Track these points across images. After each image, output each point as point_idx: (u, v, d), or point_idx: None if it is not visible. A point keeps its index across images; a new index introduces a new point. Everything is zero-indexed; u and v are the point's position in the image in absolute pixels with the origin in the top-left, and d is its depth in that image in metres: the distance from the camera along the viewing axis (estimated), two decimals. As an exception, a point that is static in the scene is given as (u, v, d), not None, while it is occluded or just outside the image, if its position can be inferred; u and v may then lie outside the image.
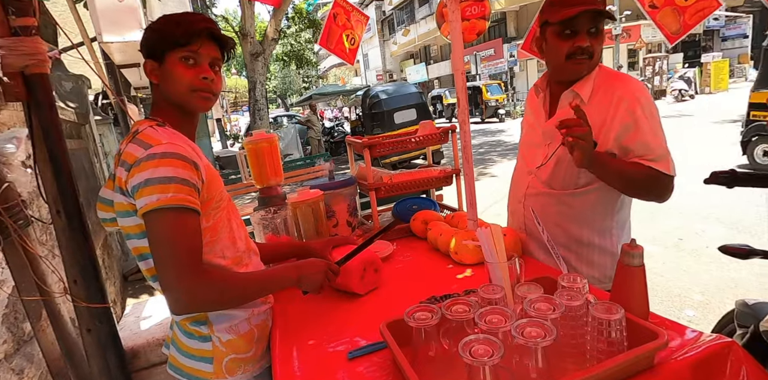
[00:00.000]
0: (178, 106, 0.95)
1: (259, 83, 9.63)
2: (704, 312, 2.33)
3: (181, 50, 0.91)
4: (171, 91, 0.93)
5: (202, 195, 0.88)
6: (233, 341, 0.95)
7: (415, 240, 1.57)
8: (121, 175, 0.86)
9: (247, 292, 0.93)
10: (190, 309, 0.87)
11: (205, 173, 0.89)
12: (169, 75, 0.92)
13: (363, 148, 1.58)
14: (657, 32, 10.14)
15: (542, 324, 0.71)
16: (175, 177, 0.81)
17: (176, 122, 0.96)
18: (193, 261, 0.82)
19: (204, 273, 0.83)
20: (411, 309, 0.81)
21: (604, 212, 1.27)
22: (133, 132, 0.92)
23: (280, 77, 34.54)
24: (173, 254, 0.81)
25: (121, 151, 0.88)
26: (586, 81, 1.22)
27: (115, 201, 0.91)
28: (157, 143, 0.84)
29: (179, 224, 0.81)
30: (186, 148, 0.86)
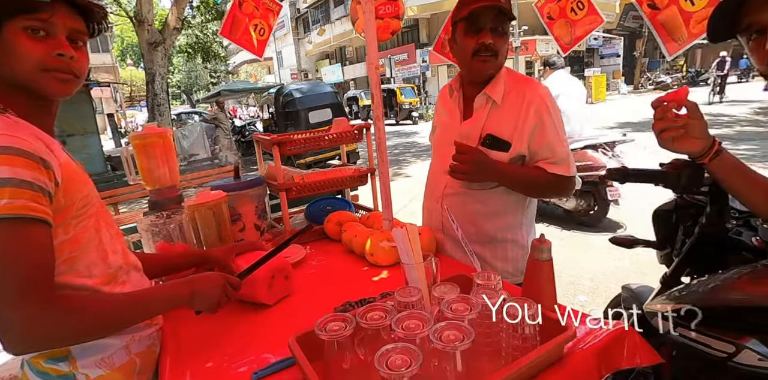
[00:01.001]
0: (26, 89, 0.75)
1: (159, 76, 8.75)
2: (593, 297, 2.59)
3: (25, 18, 0.71)
4: (13, 70, 0.73)
5: (56, 201, 0.70)
6: (106, 377, 0.78)
7: (329, 243, 1.49)
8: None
9: (120, 318, 0.76)
10: (36, 346, 0.68)
11: (61, 173, 0.71)
12: (10, 50, 0.72)
13: (272, 146, 1.46)
14: (549, 47, 11.44)
15: (460, 326, 0.68)
16: (12, 178, 0.63)
17: (24, 110, 0.75)
18: (39, 285, 0.65)
19: (55, 298, 0.66)
20: (322, 320, 0.73)
21: (516, 208, 1.32)
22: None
23: (185, 71, 31.96)
24: (9, 277, 0.63)
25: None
26: (496, 83, 1.26)
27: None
28: None
29: (17, 238, 0.64)
30: (31, 142, 0.67)
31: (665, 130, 0.86)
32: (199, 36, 16.58)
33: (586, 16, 1.87)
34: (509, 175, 1.22)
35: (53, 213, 0.69)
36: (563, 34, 1.97)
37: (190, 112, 16.92)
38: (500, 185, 1.27)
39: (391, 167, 7.62)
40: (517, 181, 1.23)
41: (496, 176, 1.22)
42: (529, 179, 1.22)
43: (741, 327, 0.87)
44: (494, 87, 1.25)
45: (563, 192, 1.27)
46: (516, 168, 1.23)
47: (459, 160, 1.18)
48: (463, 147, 1.18)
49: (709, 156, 0.87)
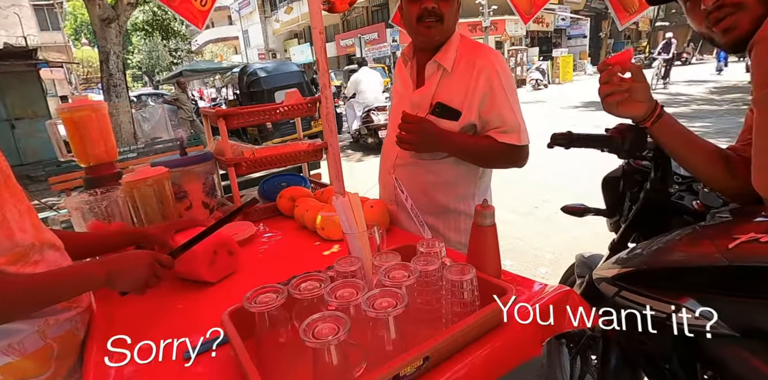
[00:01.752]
0: None
1: (114, 54, 8.21)
2: (554, 268, 2.66)
3: None
4: None
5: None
6: (15, 364, 0.72)
7: (282, 220, 1.45)
8: None
9: (21, 303, 0.69)
10: None
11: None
12: None
13: (217, 118, 1.38)
14: (519, 27, 11.40)
15: (395, 292, 0.66)
16: None
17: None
18: None
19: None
20: (252, 293, 0.69)
21: (468, 179, 1.30)
22: None
23: (145, 51, 30.26)
24: None
25: None
26: (447, 50, 1.22)
27: None
28: None
29: None
30: None
31: (610, 94, 0.85)
32: (157, 12, 15.66)
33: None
34: (458, 145, 1.19)
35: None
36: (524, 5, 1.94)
37: (152, 93, 16.14)
38: (450, 156, 1.25)
39: (361, 149, 7.55)
40: (466, 151, 1.21)
41: (444, 146, 1.19)
42: (478, 149, 1.20)
43: (680, 287, 0.89)
44: (445, 54, 1.22)
45: (515, 162, 1.25)
46: (465, 137, 1.20)
47: (405, 129, 1.15)
48: (409, 116, 1.14)
49: (651, 119, 0.86)
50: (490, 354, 0.71)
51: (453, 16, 1.20)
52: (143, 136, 8.72)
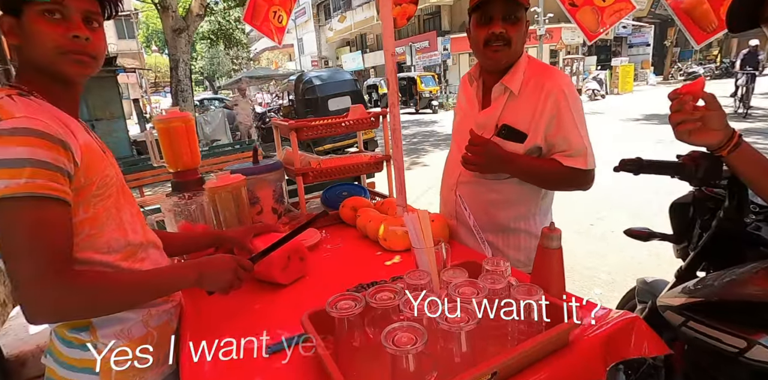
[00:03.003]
0: (47, 72, 0.77)
1: (183, 62, 8.89)
2: (610, 290, 2.57)
3: (41, 2, 0.73)
4: (34, 53, 0.76)
5: (76, 181, 0.73)
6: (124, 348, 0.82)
7: (344, 228, 1.52)
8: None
9: (129, 297, 0.80)
10: (52, 318, 0.74)
11: (81, 154, 0.74)
12: (30, 33, 0.74)
13: (289, 131, 1.49)
14: (575, 35, 10.98)
15: (466, 308, 0.70)
16: (31, 159, 0.66)
17: (48, 92, 0.78)
18: (57, 263, 0.69)
19: (71, 275, 0.70)
20: (333, 299, 0.76)
21: (530, 199, 1.32)
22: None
23: (207, 58, 32.29)
24: (29, 254, 0.67)
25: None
26: (514, 73, 1.24)
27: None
28: (9, 117, 0.68)
29: (37, 217, 0.67)
30: (50, 124, 0.70)
31: (682, 123, 0.84)
32: (222, 22, 16.68)
33: (615, 2, 1.81)
34: (523, 168, 1.21)
35: (73, 192, 0.73)
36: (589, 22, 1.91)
37: (212, 98, 17.16)
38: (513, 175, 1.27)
39: (409, 156, 7.61)
40: (531, 174, 1.22)
41: (508, 168, 1.21)
42: (542, 172, 1.21)
43: (754, 322, 0.86)
44: (512, 77, 1.24)
45: (580, 185, 1.25)
46: (530, 160, 1.22)
47: (471, 151, 1.18)
48: (476, 138, 1.17)
49: (727, 148, 0.85)
50: (554, 374, 0.73)
51: (521, 39, 1.21)
52: (204, 137, 9.31)
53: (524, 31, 1.22)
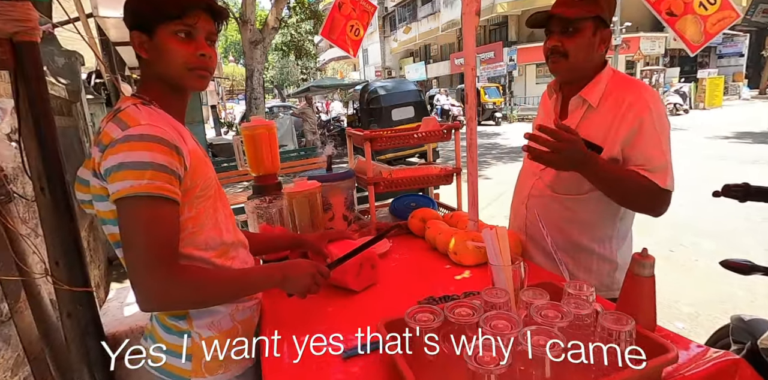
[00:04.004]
0: (171, 84, 0.87)
1: (257, 72, 9.49)
2: (693, 325, 2.34)
3: (175, 23, 0.82)
4: (163, 68, 0.85)
5: (184, 184, 0.81)
6: (214, 338, 0.88)
7: (411, 239, 1.54)
8: (96, 156, 0.79)
9: (224, 292, 0.87)
10: (160, 307, 0.82)
11: (190, 159, 0.82)
12: (162, 51, 0.83)
13: (364, 141, 1.54)
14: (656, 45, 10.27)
15: (550, 332, 0.68)
16: (152, 162, 0.74)
17: (165, 101, 0.87)
18: (167, 256, 0.76)
19: (178, 269, 0.78)
20: (412, 310, 0.77)
21: (606, 220, 1.25)
22: (114, 110, 0.83)
23: (278, 67, 34.19)
24: (145, 247, 0.74)
25: (101, 130, 0.81)
26: (594, 86, 1.21)
27: (91, 184, 0.84)
28: (136, 124, 0.77)
29: (153, 214, 0.75)
30: (168, 131, 0.78)
31: None
32: (294, 34, 17.64)
33: (718, 10, 1.67)
34: (600, 169, 1.10)
35: (181, 193, 0.80)
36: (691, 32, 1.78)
37: (281, 105, 18.08)
38: (589, 192, 1.21)
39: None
40: (608, 178, 1.11)
41: (585, 169, 1.10)
42: (620, 178, 1.11)
43: None
44: (591, 89, 1.20)
45: (656, 204, 1.14)
46: (613, 166, 1.14)
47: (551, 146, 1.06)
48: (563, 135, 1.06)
49: None
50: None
51: (581, 50, 1.17)
52: (272, 143, 9.82)
53: (588, 41, 1.17)
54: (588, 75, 1.22)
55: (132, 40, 0.85)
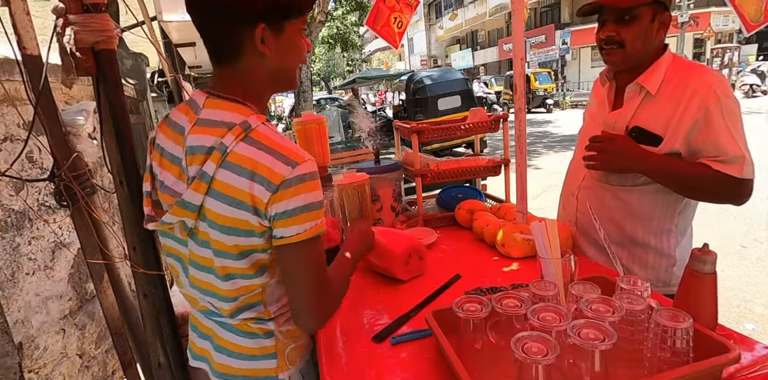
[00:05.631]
0: (281, 83, 0.83)
1: (305, 65, 9.71)
2: (766, 327, 2.17)
3: (301, 19, 0.78)
4: (285, 65, 0.80)
5: None
6: (292, 331, 0.90)
7: (458, 230, 1.54)
8: (258, 193, 0.71)
9: (347, 283, 0.91)
10: (328, 320, 0.84)
11: None
12: (290, 47, 0.78)
13: (411, 133, 1.55)
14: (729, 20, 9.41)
15: (600, 326, 0.68)
16: (321, 201, 0.75)
17: (261, 103, 0.83)
18: (327, 282, 0.81)
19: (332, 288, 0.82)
20: (460, 300, 0.79)
21: (664, 212, 1.20)
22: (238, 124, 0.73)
23: (324, 60, 34.70)
24: (318, 283, 0.78)
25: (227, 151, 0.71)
26: (653, 72, 1.14)
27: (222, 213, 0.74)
28: (302, 160, 0.72)
29: (320, 251, 0.78)
30: None
31: None
32: (340, 27, 17.77)
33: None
34: (661, 167, 1.09)
35: None
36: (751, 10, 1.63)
37: (328, 97, 18.39)
38: (645, 184, 1.16)
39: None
40: (671, 176, 1.09)
41: (639, 165, 1.10)
42: (686, 175, 1.08)
43: None
44: (650, 76, 1.14)
45: (732, 197, 1.09)
46: (671, 160, 1.09)
47: (593, 148, 1.12)
48: (599, 137, 1.13)
49: None
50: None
51: (639, 39, 1.12)
52: (320, 135, 10.04)
53: (646, 29, 1.12)
54: (646, 61, 1.16)
55: (256, 35, 0.74)
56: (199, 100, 0.80)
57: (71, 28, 1.21)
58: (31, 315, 1.60)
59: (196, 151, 0.75)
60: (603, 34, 1.15)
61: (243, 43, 0.75)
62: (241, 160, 0.71)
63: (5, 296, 1.49)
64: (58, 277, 1.76)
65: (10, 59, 1.57)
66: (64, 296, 1.78)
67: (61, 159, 1.30)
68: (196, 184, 0.74)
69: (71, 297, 1.83)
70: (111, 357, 2.10)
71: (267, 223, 0.74)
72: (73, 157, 1.32)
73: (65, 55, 1.23)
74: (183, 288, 0.91)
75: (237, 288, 0.81)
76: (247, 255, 0.78)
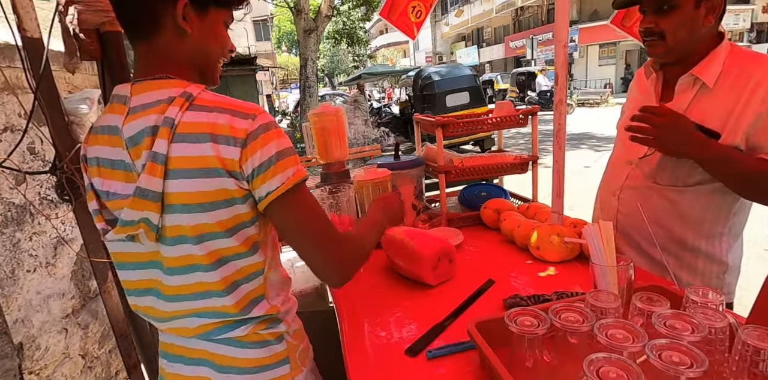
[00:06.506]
0: (203, 71, 0.76)
1: (311, 60, 9.60)
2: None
3: (227, 11, 0.75)
4: (209, 51, 0.75)
5: None
6: (298, 331, 0.84)
7: (484, 230, 1.45)
8: (226, 153, 0.65)
9: (372, 242, 0.86)
10: (352, 274, 0.79)
11: None
12: (214, 35, 0.75)
13: (435, 127, 1.46)
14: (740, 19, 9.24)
15: (682, 347, 0.58)
16: (292, 147, 0.71)
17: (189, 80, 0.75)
18: (336, 229, 0.75)
19: (346, 236, 0.77)
20: (512, 313, 0.70)
21: (717, 215, 1.10)
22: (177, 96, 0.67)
23: (328, 56, 34.51)
24: (323, 227, 0.73)
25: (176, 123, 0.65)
26: (709, 63, 1.05)
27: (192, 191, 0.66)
28: (258, 112, 0.69)
29: (312, 197, 0.73)
30: None
31: None
32: (346, 22, 17.63)
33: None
34: (721, 156, 0.97)
35: None
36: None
37: (333, 93, 18.28)
38: (699, 184, 1.07)
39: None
40: (731, 167, 0.98)
41: (696, 151, 0.98)
42: (749, 168, 0.97)
43: None
44: (706, 67, 1.05)
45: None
46: (731, 150, 0.99)
47: (653, 122, 0.98)
48: (661, 109, 0.99)
49: None
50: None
51: (682, 29, 1.03)
52: (324, 131, 9.94)
53: (689, 17, 1.02)
54: (699, 51, 1.07)
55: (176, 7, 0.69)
56: (124, 91, 0.72)
57: (74, 8, 1.12)
58: (31, 314, 1.52)
59: (137, 138, 0.68)
60: (642, 26, 1.09)
61: (163, 16, 0.69)
62: (195, 126, 0.66)
63: (5, 294, 1.41)
64: (60, 274, 1.68)
65: (11, 45, 1.48)
66: (66, 294, 1.70)
67: (64, 150, 1.21)
68: (150, 168, 0.66)
69: (74, 296, 1.75)
70: (115, 357, 2.02)
71: (246, 185, 0.68)
72: (76, 148, 1.23)
73: (68, 37, 1.14)
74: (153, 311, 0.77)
75: (231, 274, 0.72)
76: (236, 231, 0.70)
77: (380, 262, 1.23)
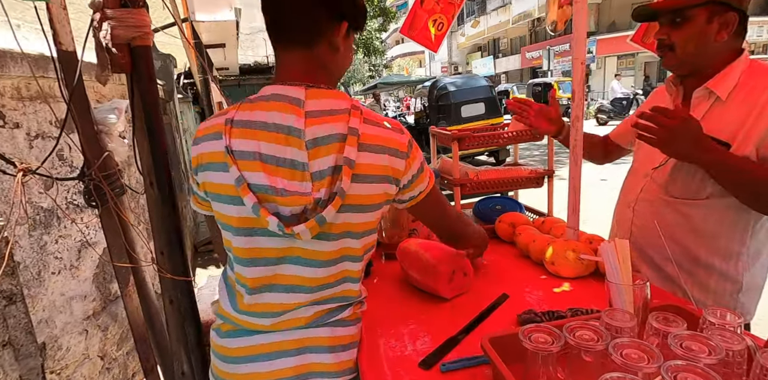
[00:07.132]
0: (336, 81, 0.88)
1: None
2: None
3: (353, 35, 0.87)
4: (344, 66, 0.87)
5: None
6: None
7: (498, 244, 1.45)
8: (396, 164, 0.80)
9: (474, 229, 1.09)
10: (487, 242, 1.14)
11: None
12: (349, 55, 0.86)
13: (452, 141, 1.48)
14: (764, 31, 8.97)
15: (698, 369, 0.58)
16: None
17: None
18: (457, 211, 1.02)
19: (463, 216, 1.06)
20: (527, 329, 0.70)
21: (733, 232, 1.09)
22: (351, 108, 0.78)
23: (345, 66, 34.91)
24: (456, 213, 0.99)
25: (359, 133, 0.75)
26: (725, 76, 1.05)
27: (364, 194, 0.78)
28: (401, 125, 0.85)
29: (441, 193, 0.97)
30: None
31: None
32: (363, 32, 17.87)
33: None
34: (728, 161, 0.96)
35: None
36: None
37: (348, 102, 18.39)
38: (712, 197, 1.06)
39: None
40: (738, 174, 0.97)
41: (705, 156, 0.97)
42: (758, 176, 0.95)
43: None
44: (721, 80, 1.05)
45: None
46: (739, 158, 0.98)
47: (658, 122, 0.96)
48: (673, 112, 0.96)
49: None
50: None
51: (691, 42, 1.04)
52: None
53: (700, 31, 1.03)
54: (714, 65, 1.07)
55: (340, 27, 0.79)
56: (297, 94, 0.77)
57: (108, 23, 1.18)
58: (55, 315, 1.57)
59: (323, 141, 0.76)
60: (656, 36, 1.11)
61: (325, 31, 0.79)
62: (373, 139, 0.78)
63: (31, 295, 1.46)
64: (83, 277, 1.73)
65: (45, 56, 1.56)
66: (88, 296, 1.75)
67: (92, 158, 1.26)
68: (346, 172, 0.75)
69: (95, 298, 1.80)
70: (132, 359, 2.06)
71: (397, 190, 0.83)
72: (104, 156, 1.28)
73: (101, 50, 1.20)
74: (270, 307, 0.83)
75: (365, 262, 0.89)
76: (369, 233, 0.85)
77: (395, 274, 1.24)
